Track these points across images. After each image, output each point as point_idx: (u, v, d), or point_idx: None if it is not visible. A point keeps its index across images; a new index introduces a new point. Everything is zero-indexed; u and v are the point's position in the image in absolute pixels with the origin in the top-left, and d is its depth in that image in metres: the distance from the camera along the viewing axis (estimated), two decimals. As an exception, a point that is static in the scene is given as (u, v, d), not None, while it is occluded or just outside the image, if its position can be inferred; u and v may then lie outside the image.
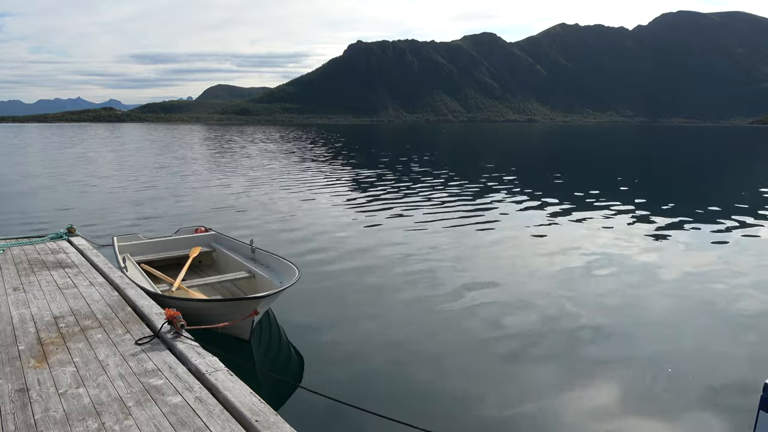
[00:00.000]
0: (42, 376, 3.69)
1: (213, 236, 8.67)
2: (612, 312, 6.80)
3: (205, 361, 3.84)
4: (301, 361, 5.61)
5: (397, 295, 7.46)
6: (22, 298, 5.34)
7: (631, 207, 14.85)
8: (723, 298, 7.34)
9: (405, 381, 5.11)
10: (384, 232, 11.55)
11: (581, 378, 5.15)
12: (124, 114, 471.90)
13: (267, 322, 6.44)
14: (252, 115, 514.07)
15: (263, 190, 18.28)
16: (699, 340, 5.98)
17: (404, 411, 4.32)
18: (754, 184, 21.74)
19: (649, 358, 5.53)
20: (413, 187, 19.00)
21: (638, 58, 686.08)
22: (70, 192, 18.15)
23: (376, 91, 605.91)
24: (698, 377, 5.16)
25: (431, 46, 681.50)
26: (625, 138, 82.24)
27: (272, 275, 6.77)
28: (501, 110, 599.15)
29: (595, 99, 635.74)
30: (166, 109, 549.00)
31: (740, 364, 5.43)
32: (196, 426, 3.11)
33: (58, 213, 13.81)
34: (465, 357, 5.61)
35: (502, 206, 15.03)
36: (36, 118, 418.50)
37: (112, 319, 4.80)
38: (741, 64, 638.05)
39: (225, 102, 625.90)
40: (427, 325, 6.45)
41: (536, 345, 5.84)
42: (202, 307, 5.72)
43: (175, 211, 14.37)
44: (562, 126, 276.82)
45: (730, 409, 4.61)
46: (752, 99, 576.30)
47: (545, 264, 9.04)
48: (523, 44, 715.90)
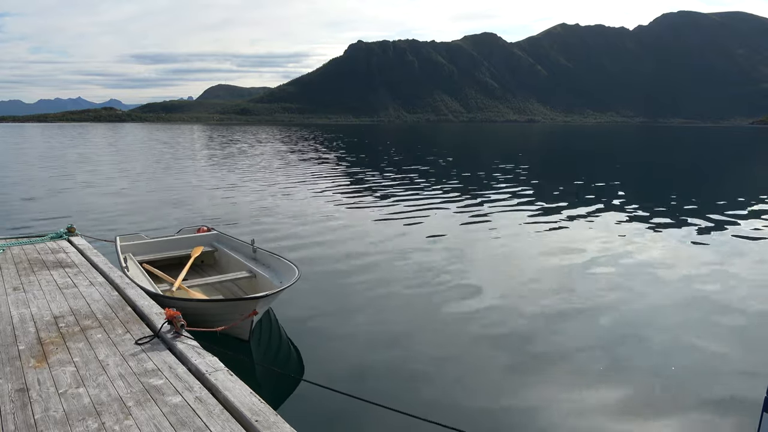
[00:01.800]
0: (42, 376, 3.69)
1: (215, 236, 8.67)
2: (612, 312, 6.79)
3: (205, 361, 3.84)
4: (300, 361, 5.61)
5: (397, 295, 7.46)
6: (22, 298, 5.34)
7: (631, 207, 14.84)
8: (725, 298, 7.33)
9: (405, 381, 5.10)
10: (384, 232, 11.54)
11: (582, 377, 5.15)
12: (125, 114, 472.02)
13: (267, 322, 6.44)
14: (252, 115, 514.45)
15: (266, 190, 18.27)
16: (701, 342, 5.97)
17: (404, 409, 4.31)
18: (754, 185, 21.73)
19: (651, 359, 5.53)
20: (414, 187, 18.99)
21: (638, 59, 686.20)
22: (70, 191, 18.14)
23: (376, 91, 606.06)
24: (701, 379, 5.15)
25: (431, 46, 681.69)
26: (626, 138, 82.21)
27: (273, 275, 6.77)
28: (501, 110, 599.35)
29: (595, 99, 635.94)
30: (167, 109, 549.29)
31: (744, 366, 5.41)
32: (196, 426, 3.10)
33: (58, 213, 13.80)
34: (465, 354, 5.61)
35: (503, 206, 15.02)
36: (36, 117, 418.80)
37: (112, 318, 4.79)
38: (741, 65, 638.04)
39: (225, 102, 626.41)
40: (427, 324, 6.45)
41: (536, 343, 5.84)
42: (201, 307, 5.72)
43: (177, 210, 14.36)
44: (562, 126, 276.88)
45: (733, 411, 4.60)
46: (752, 99, 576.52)
47: (545, 263, 9.03)
48: (524, 44, 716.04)
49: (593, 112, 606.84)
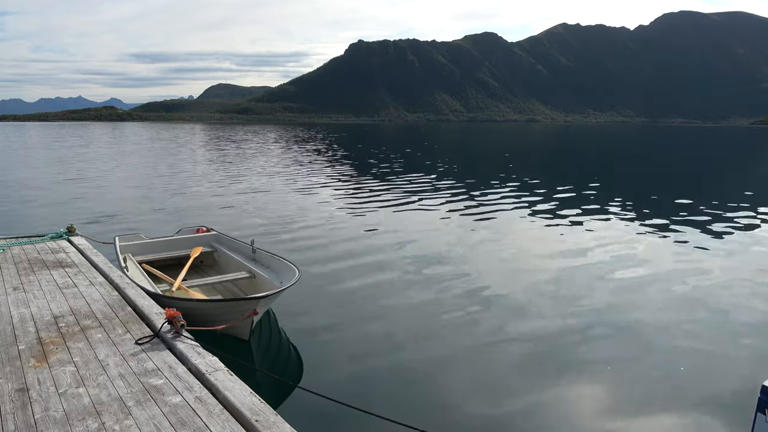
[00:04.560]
0: (42, 376, 3.69)
1: (214, 236, 8.67)
2: (612, 313, 6.79)
3: (205, 361, 3.84)
4: (300, 361, 5.61)
5: (397, 295, 7.46)
6: (22, 298, 5.34)
7: (632, 207, 14.84)
8: (722, 299, 7.34)
9: (405, 381, 5.10)
10: (385, 232, 11.53)
11: (583, 379, 5.15)
12: (126, 113, 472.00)
13: (267, 322, 6.44)
14: (253, 114, 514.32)
15: (267, 190, 18.27)
16: (697, 342, 5.97)
17: (404, 411, 4.32)
18: (755, 185, 21.71)
19: (649, 359, 5.53)
20: (416, 188, 18.99)
21: (639, 59, 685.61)
22: (70, 191, 18.15)
23: (377, 90, 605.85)
24: (696, 379, 5.16)
25: (432, 45, 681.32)
26: (628, 139, 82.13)
27: (272, 275, 6.77)
28: (502, 110, 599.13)
29: (595, 99, 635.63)
30: (168, 108, 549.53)
31: (738, 366, 5.42)
32: (196, 426, 3.11)
33: (58, 212, 13.81)
34: (466, 358, 5.60)
35: (505, 207, 15.01)
36: (37, 117, 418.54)
37: (112, 318, 4.80)
38: (742, 65, 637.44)
39: (226, 101, 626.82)
40: (427, 325, 6.44)
41: (536, 345, 5.84)
42: (201, 307, 5.72)
43: (178, 211, 14.37)
44: (563, 126, 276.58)
45: (727, 410, 4.60)
46: (753, 99, 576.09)
47: (547, 264, 9.03)
48: (525, 44, 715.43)
49: (594, 112, 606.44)
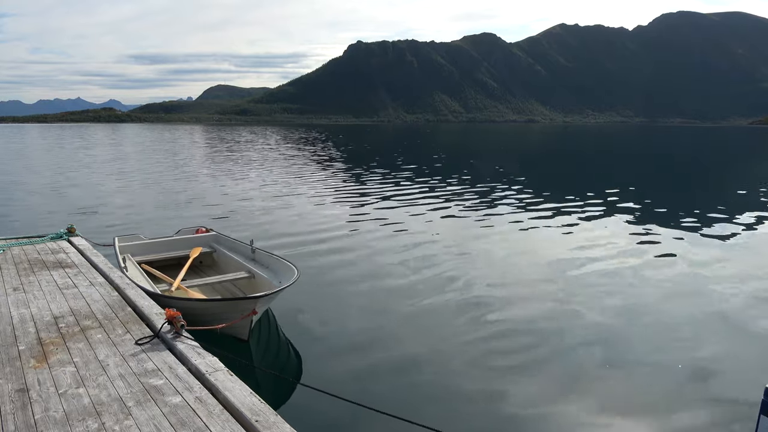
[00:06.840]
0: (42, 376, 3.69)
1: (214, 237, 8.67)
2: (613, 313, 6.79)
3: (205, 361, 3.84)
4: (299, 361, 5.61)
5: (396, 294, 7.46)
6: (22, 298, 5.34)
7: (632, 207, 14.85)
8: (724, 300, 7.33)
9: (405, 380, 5.10)
10: (385, 233, 11.53)
11: (583, 378, 5.15)
12: (125, 114, 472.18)
13: (266, 322, 6.44)
14: (252, 116, 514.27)
15: (267, 190, 18.27)
16: (700, 343, 5.97)
17: (404, 409, 4.32)
18: (755, 185, 21.72)
19: (650, 360, 5.53)
20: (416, 189, 18.99)
21: (638, 59, 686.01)
22: (70, 192, 18.14)
23: (376, 91, 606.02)
24: (699, 380, 5.15)
25: (431, 46, 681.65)
26: (626, 139, 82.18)
27: (272, 275, 6.77)
28: (501, 110, 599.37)
29: (594, 99, 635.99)
30: (167, 110, 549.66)
31: (741, 368, 5.41)
32: (196, 426, 3.11)
33: (58, 213, 13.80)
34: (466, 356, 5.60)
35: (505, 207, 15.02)
36: (36, 118, 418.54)
37: (112, 319, 4.79)
38: (741, 65, 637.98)
39: (225, 102, 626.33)
40: (427, 325, 6.44)
41: (537, 344, 5.84)
42: (201, 306, 5.72)
43: (177, 211, 14.36)
44: (562, 126, 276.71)
45: (730, 413, 4.60)
46: (752, 99, 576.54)
47: (547, 264, 9.03)
48: (523, 44, 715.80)
49: (593, 112, 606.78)
